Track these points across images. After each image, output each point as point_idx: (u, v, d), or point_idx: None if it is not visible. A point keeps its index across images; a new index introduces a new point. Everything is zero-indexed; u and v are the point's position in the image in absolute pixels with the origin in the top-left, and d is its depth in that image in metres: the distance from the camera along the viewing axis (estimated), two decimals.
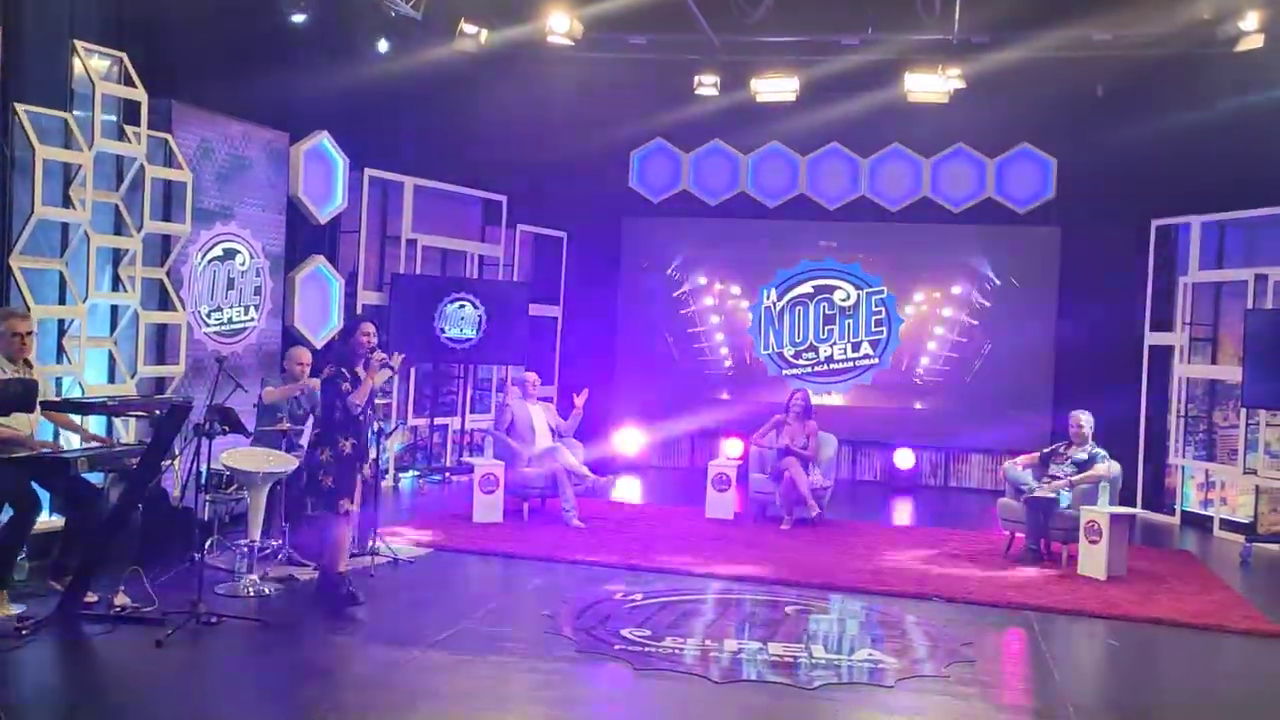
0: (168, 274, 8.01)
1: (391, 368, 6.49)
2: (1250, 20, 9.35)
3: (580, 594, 6.76)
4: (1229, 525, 9.82)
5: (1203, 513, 10.23)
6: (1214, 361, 10.37)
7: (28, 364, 5.97)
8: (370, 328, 6.44)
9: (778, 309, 12.60)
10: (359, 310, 10.23)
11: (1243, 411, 9.73)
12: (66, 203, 7.08)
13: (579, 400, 9.32)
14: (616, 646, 5.69)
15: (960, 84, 10.76)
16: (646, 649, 5.66)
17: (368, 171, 10.53)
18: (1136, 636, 6.39)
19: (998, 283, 11.99)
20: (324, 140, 9.84)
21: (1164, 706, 5.30)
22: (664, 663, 5.46)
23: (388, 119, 10.54)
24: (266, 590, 6.47)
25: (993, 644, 6.06)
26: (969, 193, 12.07)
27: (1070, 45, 10.38)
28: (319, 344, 9.57)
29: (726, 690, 5.15)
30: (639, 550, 8.01)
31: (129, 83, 7.47)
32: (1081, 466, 8.15)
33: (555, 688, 5.17)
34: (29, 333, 5.98)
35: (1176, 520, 10.38)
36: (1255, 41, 9.46)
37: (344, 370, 6.28)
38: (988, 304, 12.06)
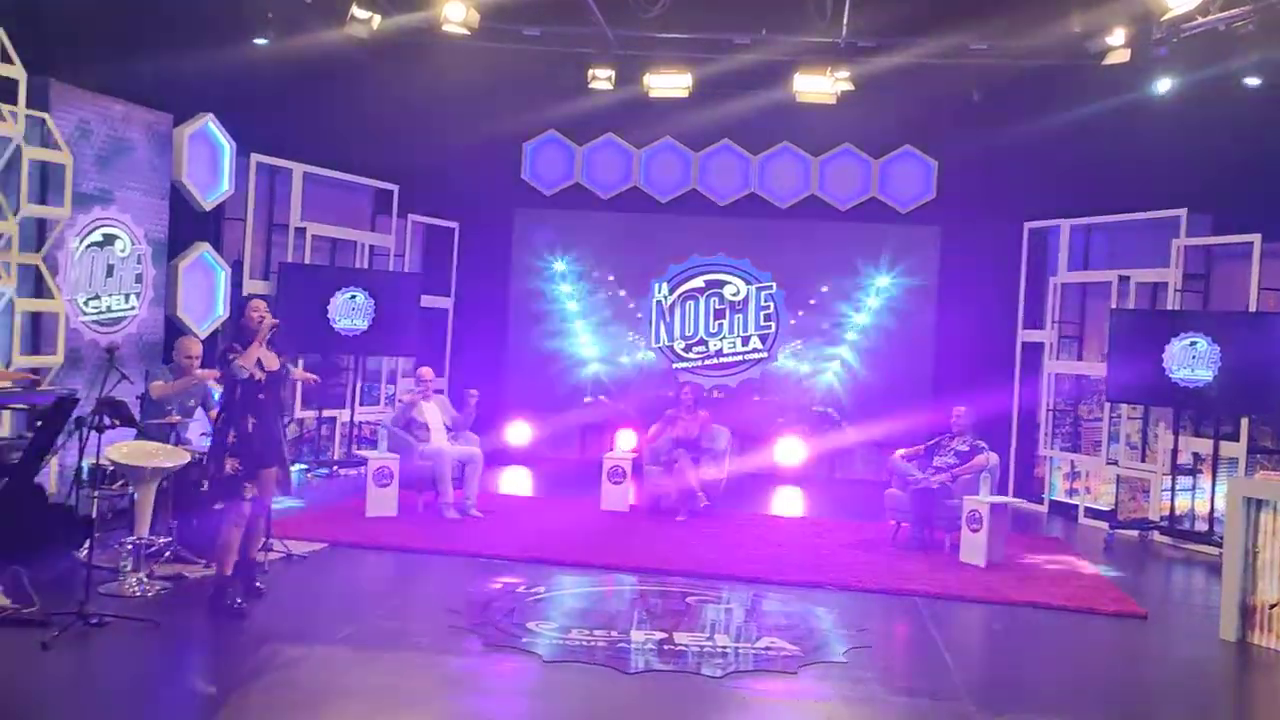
0: (44, 260, 7.64)
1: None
2: (1117, 36, 9.87)
3: (482, 588, 6.75)
4: (1092, 513, 10.41)
5: (1069, 501, 10.82)
6: (1080, 358, 10.96)
7: None
8: (260, 303, 6.28)
9: (669, 303, 12.74)
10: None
11: (1106, 405, 10.33)
12: None
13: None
14: (524, 639, 5.71)
15: (848, 86, 11.05)
16: (554, 641, 5.70)
17: (255, 157, 10.24)
18: (1017, 619, 6.74)
19: (883, 281, 12.38)
20: (209, 123, 9.52)
21: (1046, 684, 5.61)
22: (573, 655, 5.51)
23: (276, 104, 10.22)
24: (154, 589, 6.24)
25: (886, 629, 6.31)
26: (855, 192, 12.42)
27: (950, 53, 10.78)
28: (203, 334, 9.26)
29: (637, 680, 5.22)
30: (538, 543, 8.02)
31: (5, 59, 7.12)
32: (963, 458, 8.52)
33: (464, 682, 5.15)
34: None
35: (1045, 509, 10.94)
36: (1121, 56, 9.99)
37: (236, 345, 6.15)
38: (872, 301, 12.44)
